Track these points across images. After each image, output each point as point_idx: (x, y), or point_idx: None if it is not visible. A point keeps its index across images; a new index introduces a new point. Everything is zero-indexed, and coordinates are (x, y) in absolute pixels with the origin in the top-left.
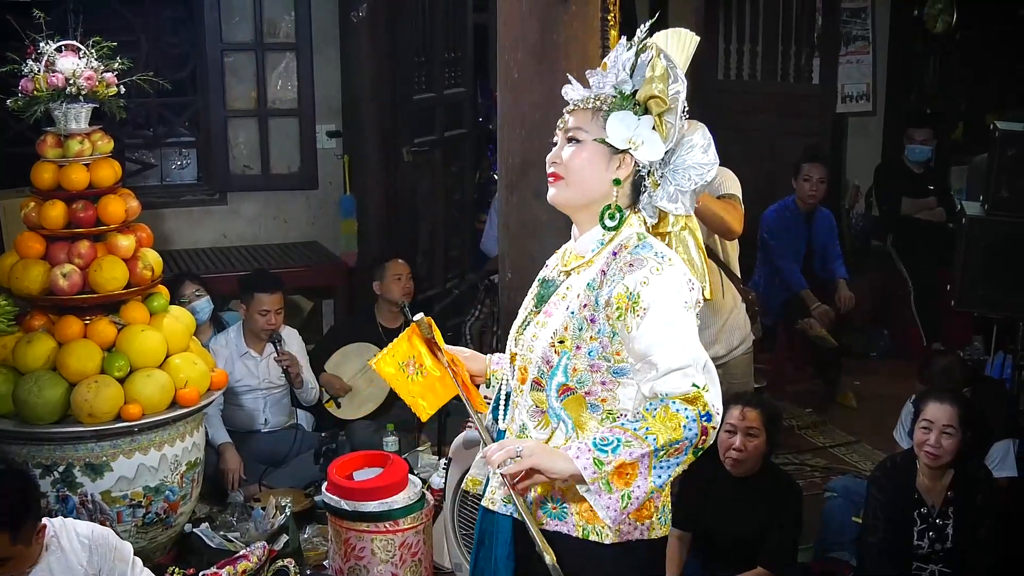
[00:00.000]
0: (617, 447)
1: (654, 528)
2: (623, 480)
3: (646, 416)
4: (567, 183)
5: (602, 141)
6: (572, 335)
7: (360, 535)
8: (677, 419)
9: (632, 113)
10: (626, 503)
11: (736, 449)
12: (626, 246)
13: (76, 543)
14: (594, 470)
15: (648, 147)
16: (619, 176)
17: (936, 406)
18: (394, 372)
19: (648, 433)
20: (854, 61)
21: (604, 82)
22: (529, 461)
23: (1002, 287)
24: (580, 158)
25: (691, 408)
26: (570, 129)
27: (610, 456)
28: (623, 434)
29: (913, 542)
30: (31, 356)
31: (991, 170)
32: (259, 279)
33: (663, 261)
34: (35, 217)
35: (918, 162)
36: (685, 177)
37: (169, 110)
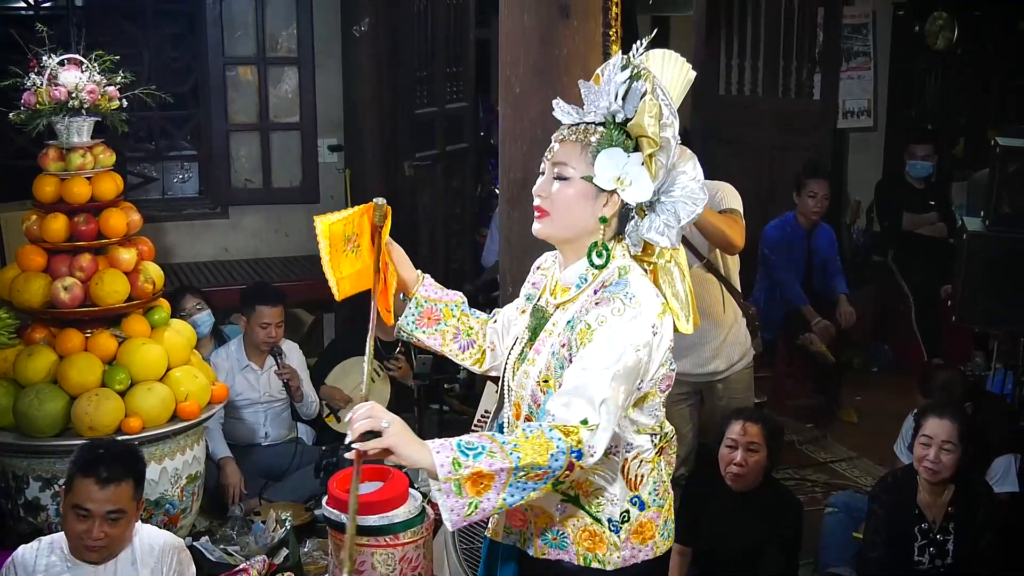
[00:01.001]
0: (479, 454)
1: (658, 547)
2: (475, 488)
3: (520, 434)
4: (552, 219)
5: (589, 179)
6: (554, 374)
7: (360, 549)
8: (548, 445)
9: (621, 149)
10: (471, 511)
11: (737, 464)
12: (606, 284)
13: (147, 551)
14: (450, 469)
15: (636, 188)
16: (605, 214)
17: (936, 421)
18: (336, 240)
19: (514, 450)
20: (855, 77)
21: (596, 104)
22: (388, 441)
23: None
24: (566, 196)
25: (564, 440)
26: (557, 163)
27: (470, 461)
28: (490, 443)
29: (914, 557)
30: (32, 369)
31: (992, 186)
32: (260, 292)
33: (629, 302)
34: (37, 230)
35: (919, 177)
36: (674, 211)
37: (171, 123)
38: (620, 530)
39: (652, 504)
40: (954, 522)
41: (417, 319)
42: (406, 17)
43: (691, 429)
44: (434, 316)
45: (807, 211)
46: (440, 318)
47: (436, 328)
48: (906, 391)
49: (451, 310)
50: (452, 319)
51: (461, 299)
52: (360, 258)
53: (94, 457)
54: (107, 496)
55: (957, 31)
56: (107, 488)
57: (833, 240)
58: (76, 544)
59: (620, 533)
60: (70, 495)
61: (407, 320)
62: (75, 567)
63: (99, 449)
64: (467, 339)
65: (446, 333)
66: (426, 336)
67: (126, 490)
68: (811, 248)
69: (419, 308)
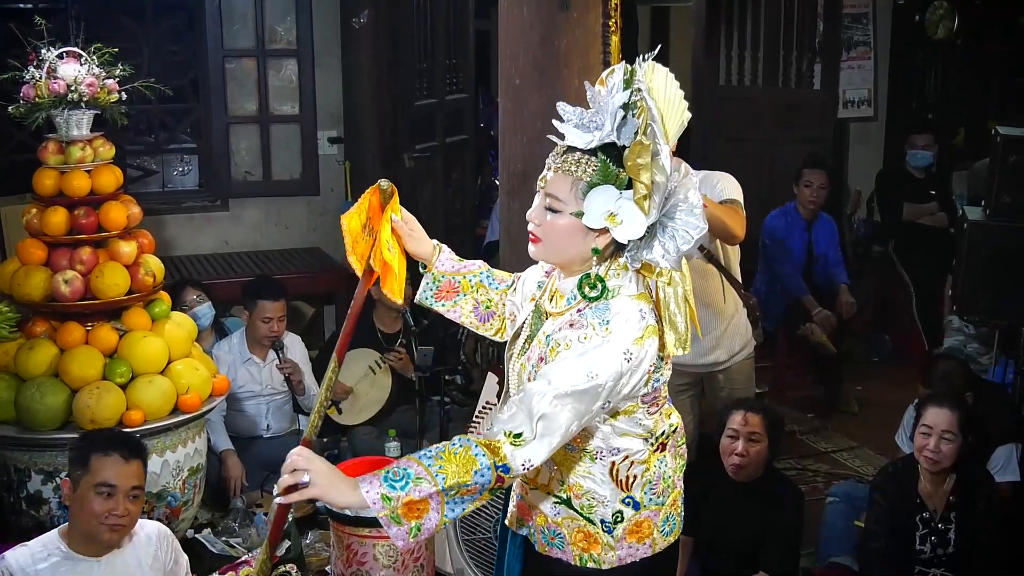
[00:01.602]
0: (406, 484)
1: (656, 544)
2: (412, 514)
3: (445, 454)
4: (544, 247)
5: (579, 215)
6: None
7: (362, 540)
8: (472, 463)
9: (614, 186)
10: (415, 533)
11: (738, 454)
12: (590, 304)
13: (144, 541)
14: (382, 505)
15: (627, 226)
16: (598, 246)
17: (936, 411)
18: (356, 230)
19: (439, 471)
20: (855, 67)
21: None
22: (312, 492)
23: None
24: (556, 228)
25: (488, 456)
26: (548, 195)
27: (398, 492)
28: (415, 469)
29: (915, 547)
30: (33, 362)
31: (992, 175)
32: (263, 286)
33: (599, 329)
34: (37, 224)
35: (920, 167)
36: (672, 237)
37: (171, 117)
38: (613, 531)
39: (648, 503)
40: (955, 511)
41: (435, 293)
42: (406, 9)
43: (692, 420)
44: (452, 288)
45: (804, 201)
46: (459, 290)
47: (455, 301)
48: (907, 381)
49: (469, 282)
50: (471, 291)
51: (479, 269)
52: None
53: (111, 436)
54: (132, 471)
55: (957, 21)
56: (131, 463)
57: (834, 231)
58: (96, 526)
59: (614, 533)
60: (88, 476)
61: (425, 294)
62: (75, 562)
63: (112, 431)
64: (486, 311)
65: (465, 305)
66: (445, 309)
67: (143, 468)
68: (812, 239)
69: (436, 283)
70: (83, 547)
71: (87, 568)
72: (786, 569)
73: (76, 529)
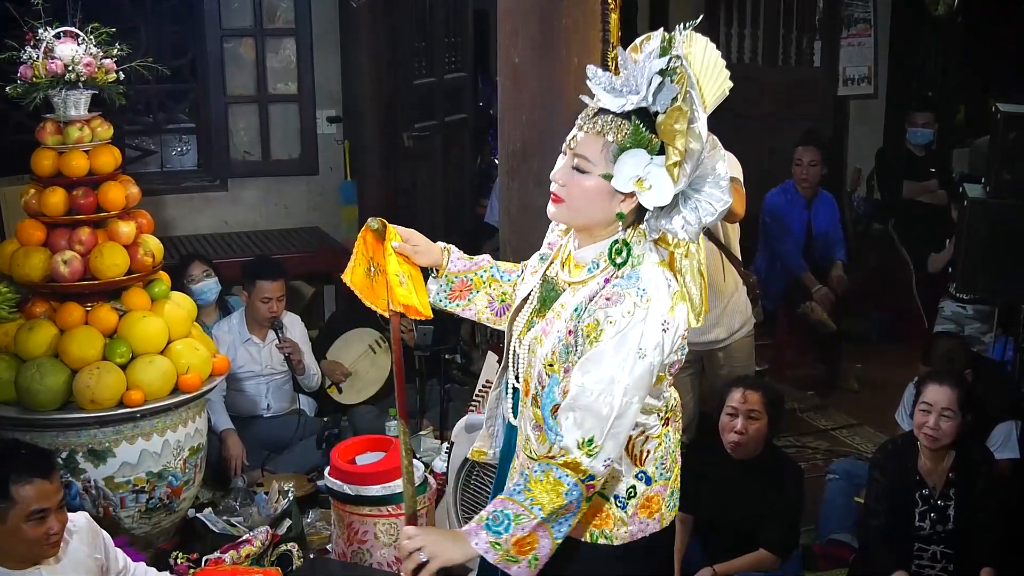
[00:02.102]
0: (509, 526)
1: (664, 519)
2: (524, 550)
3: (531, 483)
4: (567, 207)
5: (608, 177)
6: (560, 359)
7: (363, 519)
8: (559, 487)
9: (645, 151)
10: (535, 564)
11: (737, 432)
12: (618, 274)
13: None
14: (494, 553)
15: (655, 192)
16: (623, 210)
17: (935, 388)
18: (362, 283)
19: (534, 504)
20: (855, 44)
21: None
22: (436, 563)
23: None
24: (583, 188)
25: (572, 475)
26: (577, 155)
27: (504, 536)
28: (512, 508)
29: (915, 524)
30: (33, 343)
31: (993, 153)
32: (261, 266)
33: (640, 302)
34: (35, 204)
35: (920, 145)
36: (696, 209)
37: (169, 96)
38: (627, 505)
39: (658, 478)
40: (955, 488)
41: (449, 294)
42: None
43: (692, 398)
44: (466, 287)
45: (797, 178)
46: (471, 287)
47: (469, 298)
48: (906, 359)
49: (480, 278)
50: (483, 286)
51: (487, 264)
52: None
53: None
54: (55, 485)
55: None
56: (51, 477)
57: (835, 209)
58: (36, 550)
59: (627, 508)
60: (17, 508)
61: (439, 297)
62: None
63: (20, 450)
64: (501, 304)
65: (479, 302)
66: (460, 308)
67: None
68: (811, 216)
69: (450, 284)
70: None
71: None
72: (786, 546)
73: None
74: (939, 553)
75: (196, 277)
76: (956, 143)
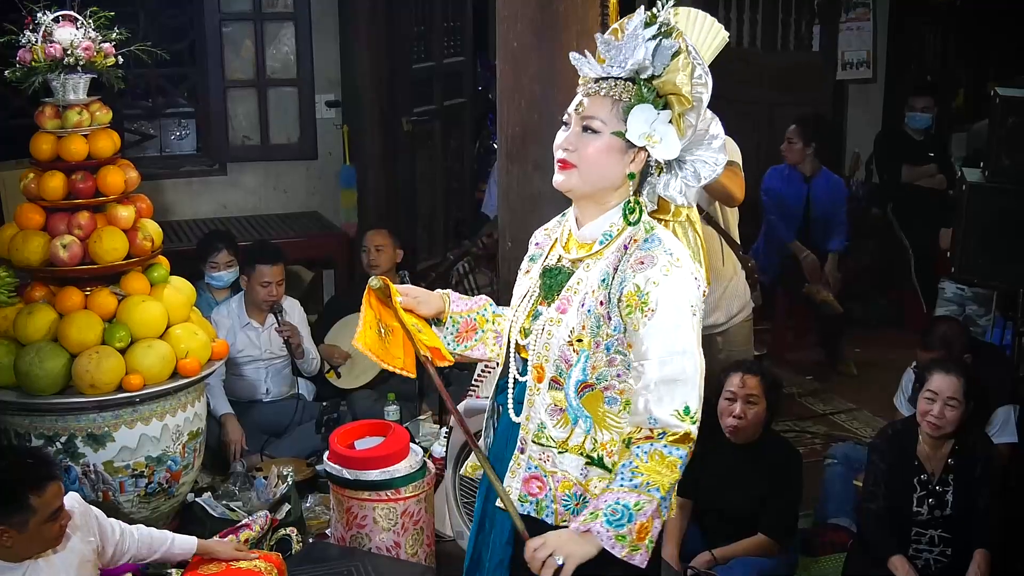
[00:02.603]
0: (631, 516)
1: (672, 508)
2: (642, 535)
3: (640, 466)
4: (579, 172)
5: (620, 134)
6: (591, 333)
7: (362, 504)
8: (674, 463)
9: (652, 106)
10: (651, 547)
11: (736, 416)
12: (636, 240)
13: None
14: (621, 546)
15: (665, 145)
16: (633, 170)
17: (942, 377)
18: (374, 344)
19: (651, 486)
20: (854, 28)
21: (618, 59)
22: (573, 562)
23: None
24: (596, 149)
25: (682, 447)
26: (586, 117)
27: (627, 526)
28: (629, 498)
29: (912, 508)
30: (32, 327)
31: (991, 137)
32: (260, 250)
33: (672, 260)
34: (34, 188)
35: (919, 130)
36: (694, 170)
37: (168, 81)
38: None
39: None
40: (953, 474)
41: (456, 336)
42: None
43: None
44: (470, 327)
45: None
46: (476, 326)
47: (476, 338)
48: (905, 343)
49: (483, 316)
50: (487, 324)
51: (487, 301)
52: (396, 335)
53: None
54: (60, 484)
55: None
56: (59, 477)
57: (840, 191)
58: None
59: None
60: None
61: (447, 342)
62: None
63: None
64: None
65: (487, 340)
66: (468, 349)
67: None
68: (811, 195)
69: (455, 326)
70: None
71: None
72: (784, 531)
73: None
74: (936, 537)
75: (221, 265)
76: (955, 127)
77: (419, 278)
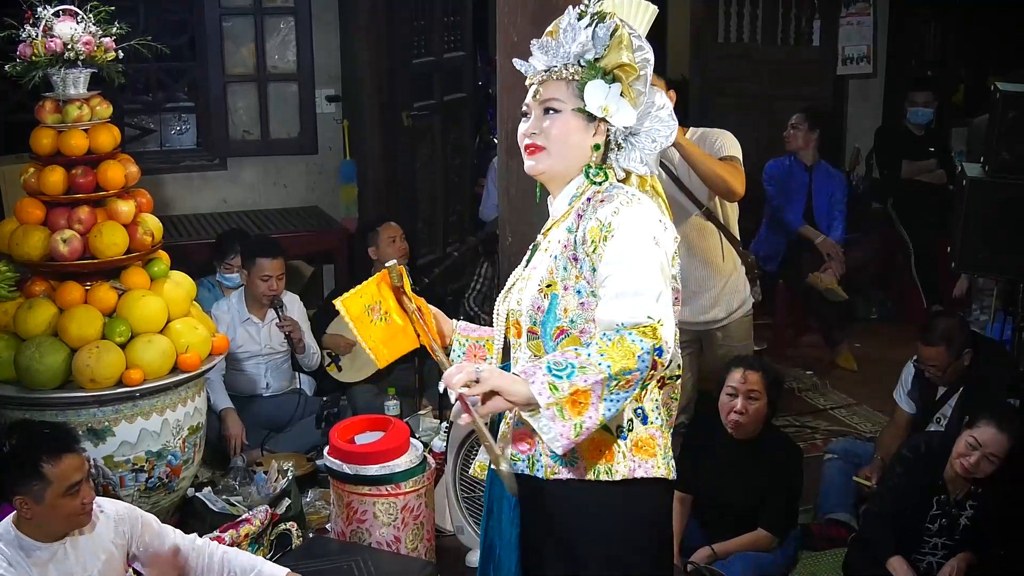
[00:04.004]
0: (572, 373)
1: (658, 467)
2: (576, 409)
3: (600, 343)
4: (549, 153)
5: (580, 110)
6: (559, 277)
7: (362, 499)
8: (632, 348)
9: (603, 81)
10: (578, 432)
11: (738, 412)
12: (599, 191)
13: (101, 518)
14: (549, 394)
15: (622, 113)
16: (598, 142)
17: (992, 432)
18: (358, 314)
19: (603, 359)
20: (854, 23)
21: (562, 52)
22: (488, 383)
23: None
24: (561, 126)
25: (646, 339)
26: (545, 100)
27: (564, 382)
28: (577, 359)
29: (924, 523)
30: (32, 322)
31: (992, 132)
32: (260, 245)
33: (633, 198)
34: (35, 183)
35: (919, 124)
36: (649, 139)
37: (168, 75)
38: (627, 437)
39: (654, 420)
40: (974, 500)
41: (463, 356)
42: None
43: (690, 377)
44: (479, 353)
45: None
46: (484, 354)
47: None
48: (905, 338)
49: (492, 344)
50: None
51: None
52: (392, 324)
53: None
54: (82, 459)
55: None
56: (79, 452)
57: (841, 185)
58: (72, 523)
59: (627, 441)
60: (53, 486)
61: (458, 355)
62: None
63: (44, 429)
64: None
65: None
66: None
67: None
68: (812, 185)
69: (462, 347)
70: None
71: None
72: (785, 525)
73: (41, 529)
74: (940, 544)
75: (235, 267)
76: (955, 122)
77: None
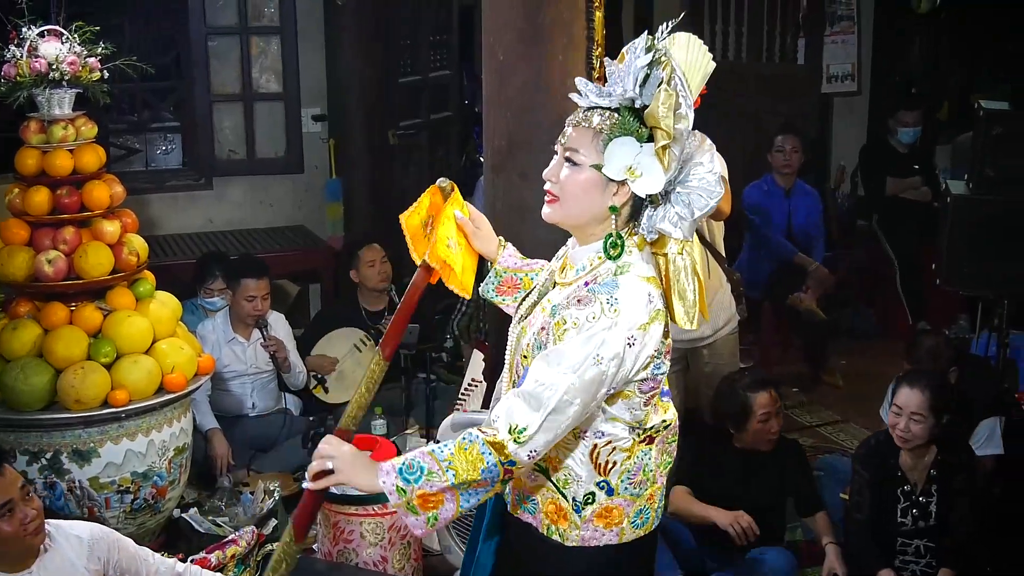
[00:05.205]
0: (419, 478)
1: (624, 533)
2: (428, 506)
3: (457, 449)
4: (561, 205)
5: (598, 168)
6: (532, 352)
7: (349, 518)
8: (479, 462)
9: (635, 139)
10: (433, 523)
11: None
12: (598, 279)
13: (74, 542)
14: (397, 496)
15: (647, 179)
16: (615, 203)
17: (906, 392)
18: (417, 229)
19: (450, 467)
20: (839, 41)
21: (615, 86)
22: (337, 478)
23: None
24: (575, 182)
25: (494, 455)
26: (568, 148)
27: (412, 486)
28: (428, 463)
29: (897, 519)
30: (17, 343)
31: (976, 149)
32: (245, 265)
33: (609, 310)
34: (19, 203)
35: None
36: (688, 203)
37: (153, 95)
38: (582, 510)
39: (623, 491)
40: (936, 485)
41: (497, 287)
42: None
43: (677, 394)
44: (514, 285)
45: (779, 166)
46: (519, 286)
47: (516, 296)
48: (891, 355)
49: (531, 279)
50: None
51: (539, 267)
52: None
53: None
54: (12, 477)
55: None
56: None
57: (817, 203)
58: (18, 543)
59: (582, 513)
60: None
61: (487, 288)
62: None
63: None
64: None
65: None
66: (507, 304)
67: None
68: (791, 209)
69: (498, 278)
70: (10, 566)
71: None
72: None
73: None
74: (923, 547)
75: (215, 291)
76: (939, 139)
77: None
